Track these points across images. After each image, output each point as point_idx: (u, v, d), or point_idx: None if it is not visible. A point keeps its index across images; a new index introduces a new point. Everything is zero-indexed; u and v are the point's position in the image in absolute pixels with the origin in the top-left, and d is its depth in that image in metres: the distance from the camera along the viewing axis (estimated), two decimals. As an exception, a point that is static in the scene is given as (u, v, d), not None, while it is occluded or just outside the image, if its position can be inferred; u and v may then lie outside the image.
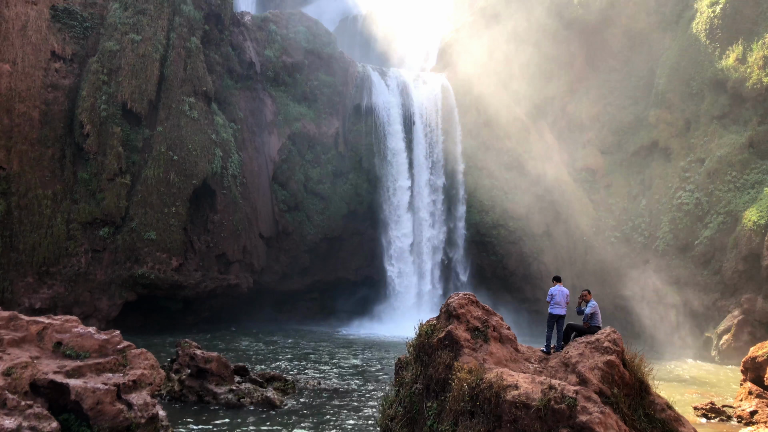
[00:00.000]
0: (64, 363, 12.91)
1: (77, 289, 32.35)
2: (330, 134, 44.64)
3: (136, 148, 34.65)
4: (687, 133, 41.14)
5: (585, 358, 12.15)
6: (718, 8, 40.11)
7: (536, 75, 46.11)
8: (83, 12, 34.86)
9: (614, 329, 13.02)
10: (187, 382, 20.28)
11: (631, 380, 11.84)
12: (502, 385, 11.16)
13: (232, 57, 41.16)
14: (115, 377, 13.05)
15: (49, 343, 13.34)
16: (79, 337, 13.55)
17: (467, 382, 11.57)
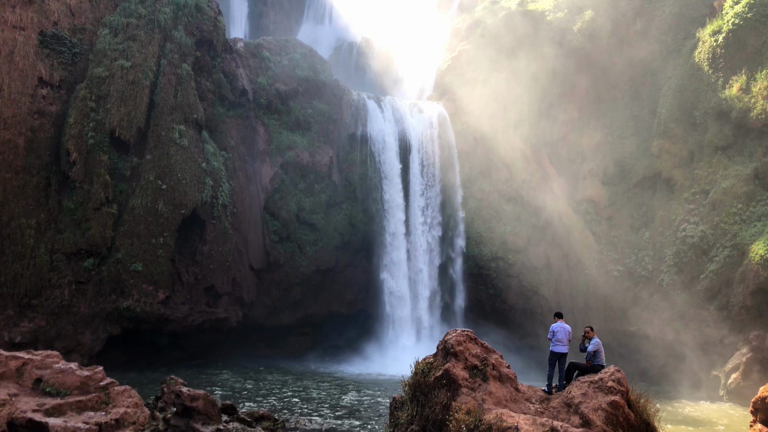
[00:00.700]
0: (44, 401, 12.76)
1: (60, 322, 32.09)
2: (324, 163, 44.81)
3: (123, 176, 34.69)
4: (691, 164, 41.39)
5: (588, 398, 12.07)
6: (721, 37, 40.61)
7: (536, 104, 46.54)
8: (72, 38, 35.18)
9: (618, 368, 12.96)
10: (173, 421, 20.01)
11: (636, 422, 11.75)
12: (502, 427, 11.06)
13: (224, 84, 41.47)
14: (97, 416, 12.89)
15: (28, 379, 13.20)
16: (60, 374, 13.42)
17: (465, 424, 11.47)
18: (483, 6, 52.74)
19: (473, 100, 47.02)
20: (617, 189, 44.61)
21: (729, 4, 41.22)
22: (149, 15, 37.20)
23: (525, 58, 47.16)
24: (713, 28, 41.36)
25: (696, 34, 43.01)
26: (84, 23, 35.84)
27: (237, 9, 69.40)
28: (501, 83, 47.00)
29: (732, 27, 40.08)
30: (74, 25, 35.45)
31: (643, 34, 46.61)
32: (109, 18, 36.66)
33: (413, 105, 48.16)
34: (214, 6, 41.29)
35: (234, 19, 67.98)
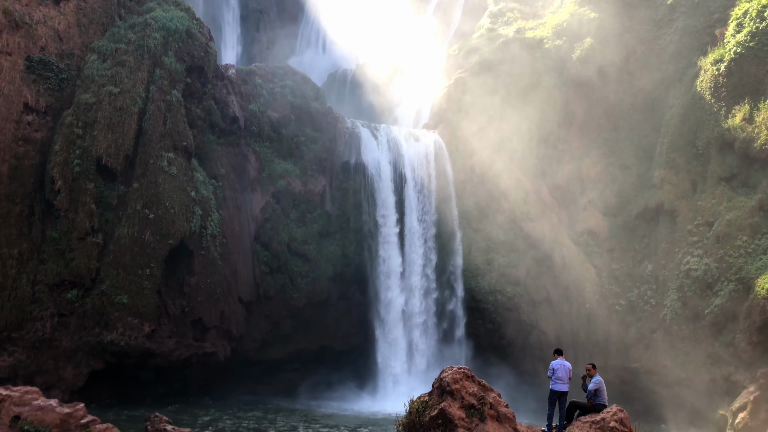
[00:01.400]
0: (23, 440, 12.67)
1: (40, 356, 31.88)
2: (316, 192, 44.98)
3: (109, 205, 34.75)
4: (694, 196, 41.67)
5: (589, 438, 12.06)
6: (723, 66, 41.11)
7: (534, 132, 46.95)
8: (60, 63, 35.50)
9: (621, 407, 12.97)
10: (157, 462, 19.81)
11: (639, 464, 11.72)
12: (500, 469, 11.02)
13: (215, 111, 41.77)
14: (78, 457, 12.79)
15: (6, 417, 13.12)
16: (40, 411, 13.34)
17: (462, 465, 11.42)
18: (480, 34, 53.47)
19: (470, 128, 47.43)
20: (618, 220, 44.84)
21: (730, 32, 41.81)
22: (139, 40, 37.58)
23: (523, 87, 47.70)
24: (715, 56, 41.89)
25: (698, 63, 43.54)
26: (72, 48, 36.20)
27: (229, 35, 70.13)
28: (498, 112, 47.46)
29: (734, 56, 40.60)
30: (62, 50, 35.80)
31: (644, 62, 47.30)
32: (98, 43, 37.05)
33: (409, 133, 48.53)
34: (205, 32, 41.77)
35: (226, 44, 68.64)
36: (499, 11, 55.03)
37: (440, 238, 45.86)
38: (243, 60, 67.95)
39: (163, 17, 39.01)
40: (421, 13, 70.12)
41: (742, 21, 41.29)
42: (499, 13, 54.91)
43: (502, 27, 52.54)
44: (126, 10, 39.70)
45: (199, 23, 41.70)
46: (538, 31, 50.40)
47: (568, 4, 51.20)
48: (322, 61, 71.27)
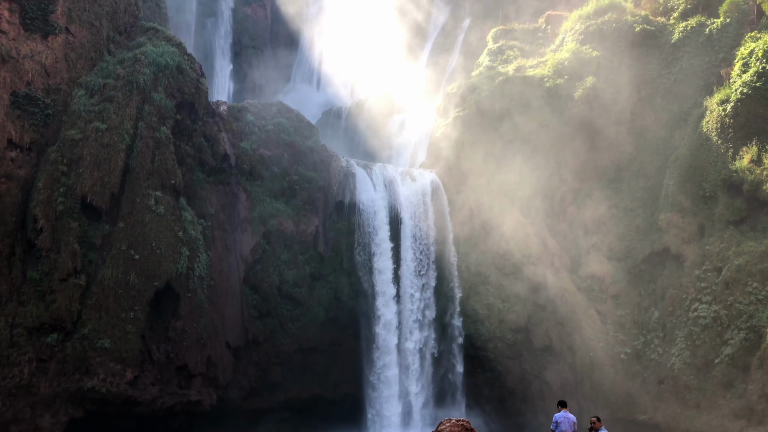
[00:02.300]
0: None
1: (17, 404, 31.79)
2: (309, 233, 45.33)
3: (93, 245, 35.03)
4: (701, 240, 42.04)
5: (588, 489, 12.26)
6: (729, 107, 41.80)
7: (535, 173, 47.53)
8: (46, 98, 36.14)
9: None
10: None
11: None
12: None
13: (205, 148, 42.34)
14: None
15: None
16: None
17: None
18: (479, 72, 54.45)
19: (468, 168, 48.05)
20: (623, 265, 45.14)
21: (737, 72, 42.61)
22: (128, 76, 38.31)
23: (523, 126, 48.44)
24: (721, 96, 42.56)
25: (704, 103, 44.24)
26: (59, 83, 36.90)
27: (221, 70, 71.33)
28: (498, 151, 48.11)
29: (740, 96, 41.26)
30: (48, 86, 36.48)
31: (648, 102, 48.09)
32: (86, 78, 37.76)
33: (405, 173, 49.11)
34: (196, 68, 42.56)
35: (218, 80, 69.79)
36: (499, 49, 56.15)
37: (438, 282, 46.09)
38: (235, 96, 69.01)
39: (154, 52, 39.83)
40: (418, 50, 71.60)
41: (748, 61, 42.14)
42: (498, 51, 56.02)
43: (501, 65, 53.53)
44: (115, 44, 40.53)
45: (191, 59, 42.53)
46: (538, 69, 51.30)
47: (569, 42, 52.26)
48: (316, 97, 72.47)
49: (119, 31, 41.33)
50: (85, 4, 38.52)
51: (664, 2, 53.26)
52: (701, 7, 50.07)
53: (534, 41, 56.79)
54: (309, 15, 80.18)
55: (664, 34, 49.71)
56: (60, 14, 37.26)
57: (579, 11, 53.82)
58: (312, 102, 70.81)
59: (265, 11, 80.00)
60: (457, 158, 48.78)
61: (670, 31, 49.42)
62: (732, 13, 46.92)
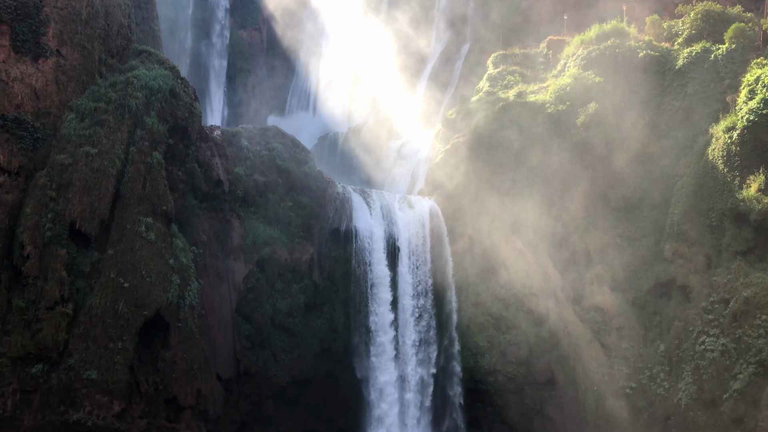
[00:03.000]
0: None
1: (-1, 437, 31.76)
2: (304, 261, 45.46)
3: (82, 273, 35.16)
4: (708, 270, 42.14)
5: None
6: (735, 134, 42.10)
7: (536, 201, 47.76)
8: (35, 122, 36.48)
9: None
10: None
11: None
12: None
13: (198, 174, 42.64)
14: None
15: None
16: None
17: None
18: (478, 97, 54.92)
19: (468, 196, 48.29)
20: (628, 296, 45.17)
21: (743, 99, 42.98)
22: (120, 99, 38.67)
23: (524, 153, 48.75)
24: (727, 124, 42.87)
25: (709, 130, 44.56)
26: (49, 107, 37.26)
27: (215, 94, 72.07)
28: (497, 179, 48.38)
29: (747, 123, 41.53)
30: (38, 109, 36.83)
31: (653, 128, 48.37)
32: (77, 102, 38.12)
33: (403, 199, 49.37)
34: (190, 91, 42.99)
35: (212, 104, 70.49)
36: (499, 74, 56.73)
37: (436, 313, 46.11)
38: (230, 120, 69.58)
39: (146, 76, 40.24)
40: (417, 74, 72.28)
41: (754, 87, 42.54)
42: (498, 76, 56.59)
43: (501, 91, 54.03)
44: (107, 67, 40.98)
45: (184, 82, 42.98)
46: (539, 95, 51.72)
47: (571, 67, 52.77)
48: (312, 123, 73.06)
49: (111, 53, 41.81)
50: (77, 27, 38.99)
51: (668, 28, 53.95)
52: (706, 33, 50.75)
53: (535, 66, 57.39)
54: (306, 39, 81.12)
55: (668, 60, 50.22)
56: (51, 36, 37.73)
57: (581, 36, 54.46)
58: (308, 127, 71.37)
59: (260, 35, 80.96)
60: (456, 185, 49.04)
61: (675, 57, 49.94)
62: (737, 39, 47.56)
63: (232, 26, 78.00)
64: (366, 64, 74.74)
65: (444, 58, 73.58)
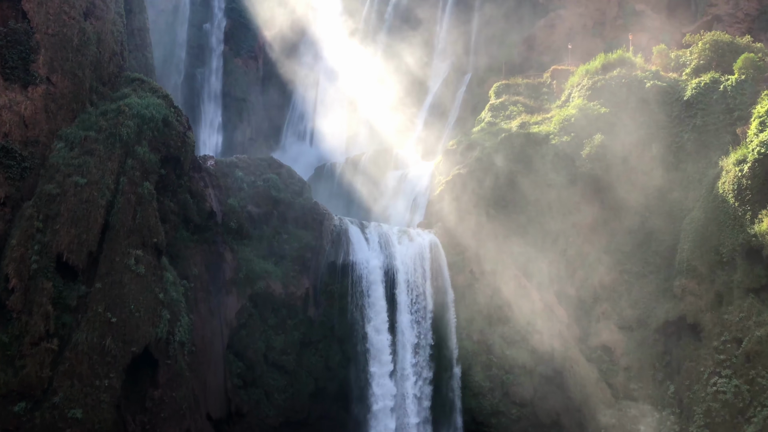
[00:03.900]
0: None
1: (-21, 479, 31.50)
2: (299, 296, 45.47)
3: (68, 307, 35.11)
4: (719, 308, 42.12)
5: None
6: (746, 167, 42.30)
7: (540, 235, 47.96)
8: (23, 151, 36.69)
9: None
10: None
11: None
12: None
13: (190, 205, 42.83)
14: None
15: None
16: None
17: None
18: (480, 128, 55.41)
19: (469, 229, 48.47)
20: (636, 335, 45.16)
21: (753, 131, 43.32)
22: (110, 128, 38.91)
23: (527, 185, 49.06)
24: (737, 156, 43.09)
25: (719, 163, 44.86)
26: (37, 135, 37.49)
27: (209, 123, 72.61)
28: (500, 211, 48.63)
29: (758, 156, 41.72)
30: (26, 137, 37.04)
31: (660, 161, 48.73)
32: (66, 130, 38.35)
33: (402, 232, 49.54)
34: (183, 120, 43.30)
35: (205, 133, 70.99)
36: (501, 104, 57.28)
37: (437, 351, 46.05)
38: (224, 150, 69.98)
39: (138, 104, 40.55)
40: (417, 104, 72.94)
41: (765, 119, 42.90)
42: (500, 106, 57.14)
43: (504, 121, 54.50)
44: (98, 95, 41.33)
45: (177, 111, 43.31)
46: (543, 126, 52.15)
47: (576, 98, 53.31)
48: (308, 153, 73.54)
49: (103, 81, 42.22)
50: (68, 54, 39.40)
51: (675, 58, 54.58)
52: (715, 64, 51.34)
53: (538, 96, 57.95)
54: (303, 67, 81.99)
55: (676, 91, 50.77)
56: (41, 63, 38.10)
57: (586, 66, 55.06)
58: (304, 157, 71.87)
59: (257, 63, 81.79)
60: (457, 218, 49.27)
61: (683, 88, 50.49)
62: (747, 70, 48.10)
63: (228, 54, 78.86)
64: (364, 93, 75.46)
65: (445, 88, 74.35)
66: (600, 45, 65.57)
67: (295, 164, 54.66)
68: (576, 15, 71.48)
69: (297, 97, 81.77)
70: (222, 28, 79.64)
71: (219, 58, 77.76)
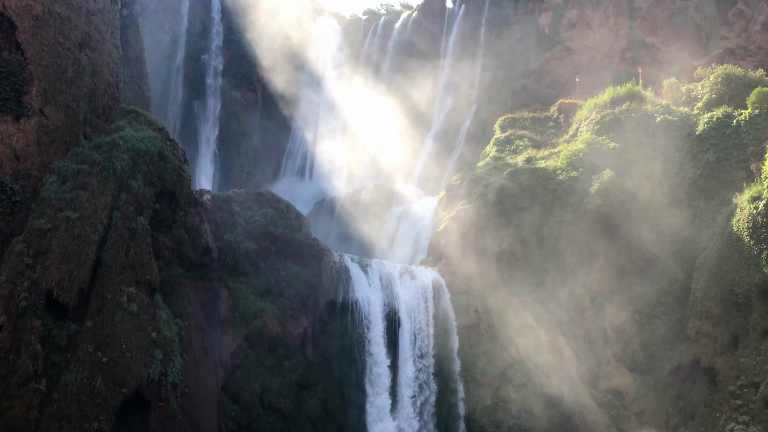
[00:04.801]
0: None
1: None
2: (296, 335, 45.36)
3: (57, 346, 35.06)
4: (735, 351, 42.05)
5: None
6: (761, 204, 42.54)
7: (547, 274, 47.99)
8: (14, 184, 36.94)
9: None
10: None
11: None
12: None
13: (185, 241, 42.96)
14: None
15: None
16: None
17: None
18: (485, 162, 55.77)
19: (474, 266, 48.49)
20: (648, 378, 44.98)
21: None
22: (104, 162, 39.17)
23: (533, 221, 49.22)
24: (752, 193, 43.38)
25: (733, 200, 45.12)
26: (29, 168, 37.77)
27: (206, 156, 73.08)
28: (506, 249, 48.69)
29: (773, 193, 42.20)
30: (18, 171, 37.30)
31: (672, 197, 48.94)
32: (59, 163, 38.60)
33: (404, 270, 49.55)
34: (179, 154, 43.63)
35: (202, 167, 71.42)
36: (507, 138, 57.71)
37: (440, 394, 45.80)
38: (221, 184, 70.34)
39: (133, 137, 40.87)
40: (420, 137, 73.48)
41: (780, 155, 43.41)
42: (506, 140, 57.57)
43: (509, 156, 54.87)
44: (93, 128, 41.67)
45: (173, 144, 43.67)
46: (550, 161, 52.46)
47: (584, 132, 53.72)
48: (308, 187, 73.90)
49: (97, 113, 42.59)
50: (62, 85, 39.82)
51: (686, 91, 55.05)
52: (727, 98, 51.77)
53: (545, 130, 58.40)
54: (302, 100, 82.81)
55: (687, 125, 51.17)
56: (35, 95, 38.50)
57: (594, 99, 55.55)
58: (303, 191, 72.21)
59: (255, 95, 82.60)
60: (462, 255, 49.31)
61: (694, 122, 50.87)
62: (761, 105, 48.46)
63: (226, 86, 79.70)
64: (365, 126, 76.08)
65: (448, 121, 75.02)
66: (608, 78, 66.26)
67: (293, 198, 54.89)
68: (583, 47, 72.39)
69: (296, 130, 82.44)
70: (220, 59, 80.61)
71: (217, 89, 78.59)
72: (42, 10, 39.34)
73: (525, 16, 78.55)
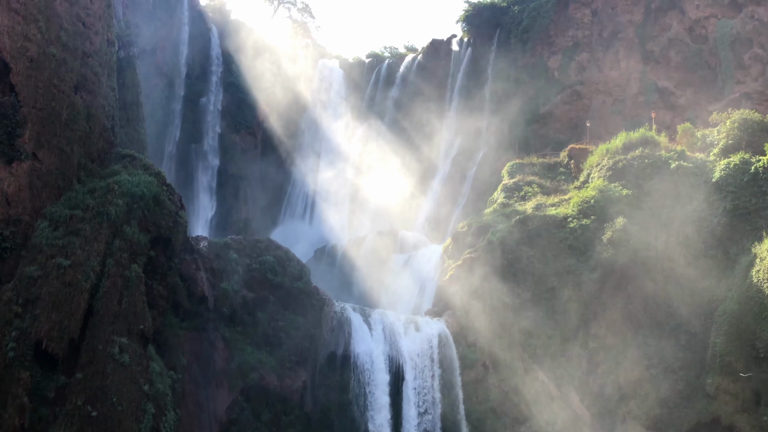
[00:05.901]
0: None
1: None
2: (295, 389, 45.12)
3: (45, 399, 34.83)
4: (757, 409, 41.67)
5: None
6: (782, 254, 42.75)
7: (560, 326, 47.81)
8: (4, 230, 36.99)
9: None
10: None
11: None
12: None
13: (181, 289, 42.96)
14: None
15: None
16: None
17: None
18: (492, 209, 55.94)
19: (482, 318, 48.36)
20: (665, 437, 44.61)
21: (789, 215, 43.89)
22: (98, 207, 39.28)
23: (544, 271, 49.15)
24: (772, 243, 43.61)
25: (752, 250, 45.11)
26: (20, 213, 37.86)
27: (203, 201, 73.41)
28: (515, 300, 48.59)
29: (794, 242, 42.29)
30: (9, 216, 37.40)
31: (688, 247, 48.82)
32: (51, 209, 38.70)
33: (408, 321, 49.45)
34: (176, 199, 43.81)
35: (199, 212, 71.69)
36: (515, 185, 57.93)
37: (446, 453, 45.53)
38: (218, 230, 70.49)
39: (128, 182, 41.03)
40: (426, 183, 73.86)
41: (801, 203, 43.50)
42: (514, 186, 57.78)
43: (518, 202, 55.03)
44: (87, 172, 41.86)
45: (169, 189, 43.85)
46: (561, 208, 52.56)
47: (595, 178, 53.88)
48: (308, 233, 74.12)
49: (92, 157, 42.82)
50: (56, 129, 40.05)
51: (702, 137, 55.25)
52: (744, 144, 51.87)
53: (555, 176, 58.61)
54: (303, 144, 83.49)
55: (703, 172, 51.23)
56: (28, 139, 38.65)
57: (606, 145, 55.80)
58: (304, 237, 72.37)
59: (255, 139, 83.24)
60: (469, 305, 49.22)
61: (711, 169, 50.97)
62: (779, 150, 48.73)
63: (225, 129, 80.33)
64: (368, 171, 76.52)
65: (454, 166, 75.47)
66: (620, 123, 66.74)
67: (293, 244, 55.09)
68: (594, 91, 73.05)
69: (297, 174, 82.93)
70: (219, 102, 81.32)
71: (215, 133, 79.17)
72: (37, 52, 39.68)
73: (534, 59, 79.41)
